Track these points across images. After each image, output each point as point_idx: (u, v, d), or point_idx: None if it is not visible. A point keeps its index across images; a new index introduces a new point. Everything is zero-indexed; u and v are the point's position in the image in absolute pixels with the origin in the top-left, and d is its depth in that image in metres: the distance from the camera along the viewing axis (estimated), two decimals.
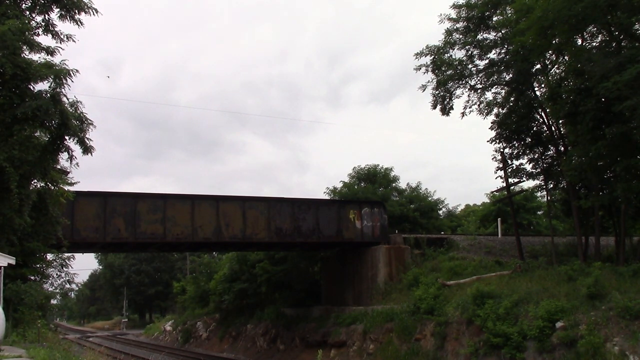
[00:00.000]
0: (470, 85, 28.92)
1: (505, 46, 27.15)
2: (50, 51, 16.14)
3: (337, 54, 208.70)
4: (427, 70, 28.96)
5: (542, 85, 27.28)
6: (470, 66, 28.53)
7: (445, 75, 28.43)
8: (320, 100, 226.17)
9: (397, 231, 35.11)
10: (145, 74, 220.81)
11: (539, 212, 45.33)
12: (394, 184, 42.35)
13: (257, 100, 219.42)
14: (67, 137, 16.08)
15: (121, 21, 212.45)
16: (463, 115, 29.41)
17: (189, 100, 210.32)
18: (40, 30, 16.70)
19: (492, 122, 29.08)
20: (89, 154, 16.40)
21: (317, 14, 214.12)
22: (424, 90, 29.46)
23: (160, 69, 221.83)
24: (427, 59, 28.75)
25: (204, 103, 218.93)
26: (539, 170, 29.05)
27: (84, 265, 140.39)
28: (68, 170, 20.10)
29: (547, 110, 26.09)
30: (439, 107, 29.47)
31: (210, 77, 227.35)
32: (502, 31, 27.07)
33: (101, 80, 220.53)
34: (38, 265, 22.07)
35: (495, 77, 28.13)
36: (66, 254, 23.22)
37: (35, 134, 16.53)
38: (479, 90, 29.07)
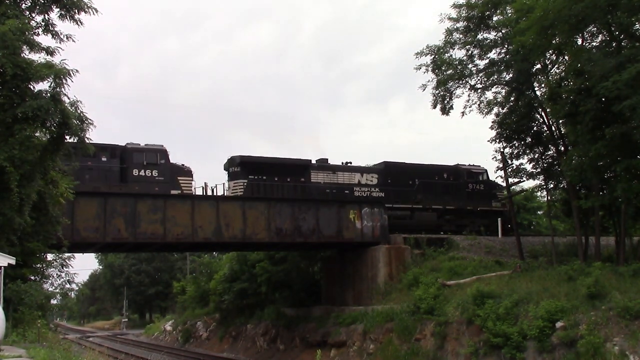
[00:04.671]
0: (471, 85, 28.95)
1: (506, 46, 27.18)
2: (50, 51, 16.18)
3: (335, 53, 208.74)
4: (427, 70, 29.01)
5: (542, 85, 27.30)
6: (470, 66, 28.58)
7: (446, 75, 28.45)
8: (318, 100, 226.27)
9: (397, 231, 35.07)
10: (142, 73, 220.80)
11: (539, 212, 45.35)
12: None
13: (254, 99, 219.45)
14: (67, 137, 16.11)
15: (118, 20, 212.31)
16: (463, 115, 29.51)
17: (186, 100, 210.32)
18: (40, 30, 16.73)
19: (492, 122, 29.14)
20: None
21: (314, 13, 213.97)
22: (424, 89, 29.53)
23: (158, 68, 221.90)
24: (427, 59, 28.82)
25: (201, 102, 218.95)
26: (539, 170, 29.08)
27: (84, 265, 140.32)
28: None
29: (547, 110, 26.10)
30: (439, 106, 29.51)
31: (208, 77, 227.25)
32: (502, 31, 27.09)
33: (98, 79, 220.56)
34: (38, 265, 22.04)
35: (495, 76, 28.15)
36: (66, 254, 23.20)
37: (36, 134, 16.54)
38: (479, 90, 29.10)
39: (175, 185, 28.75)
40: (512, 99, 28.37)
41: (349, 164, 34.14)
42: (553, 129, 27.37)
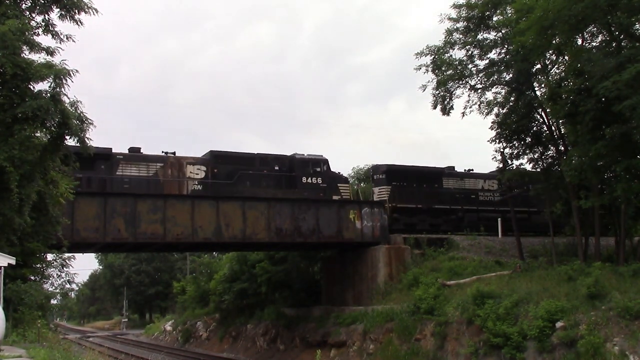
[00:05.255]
0: (471, 85, 28.94)
1: (505, 46, 27.18)
2: (50, 51, 16.17)
3: (335, 53, 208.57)
4: (427, 70, 29.01)
5: (542, 85, 27.30)
6: (470, 66, 28.57)
7: (446, 75, 28.45)
8: (318, 100, 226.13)
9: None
10: (142, 73, 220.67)
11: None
12: None
13: (254, 99, 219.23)
14: (67, 137, 16.10)
15: (118, 20, 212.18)
16: (463, 115, 29.52)
17: (186, 100, 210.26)
18: (40, 30, 16.71)
19: (492, 122, 29.12)
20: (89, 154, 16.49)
21: (314, 12, 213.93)
22: (424, 90, 29.54)
23: (158, 68, 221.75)
24: (427, 59, 28.82)
25: (201, 102, 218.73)
26: (539, 170, 29.06)
27: (84, 265, 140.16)
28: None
29: (547, 110, 26.10)
30: (439, 107, 29.50)
31: (208, 76, 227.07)
32: (502, 31, 27.09)
33: (98, 79, 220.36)
34: (38, 265, 22.04)
35: (495, 77, 28.14)
36: (66, 254, 23.21)
37: (36, 134, 16.54)
38: (479, 90, 29.09)
39: (336, 192, 31.80)
40: (512, 99, 28.37)
41: (471, 171, 37.88)
42: (553, 129, 27.37)
